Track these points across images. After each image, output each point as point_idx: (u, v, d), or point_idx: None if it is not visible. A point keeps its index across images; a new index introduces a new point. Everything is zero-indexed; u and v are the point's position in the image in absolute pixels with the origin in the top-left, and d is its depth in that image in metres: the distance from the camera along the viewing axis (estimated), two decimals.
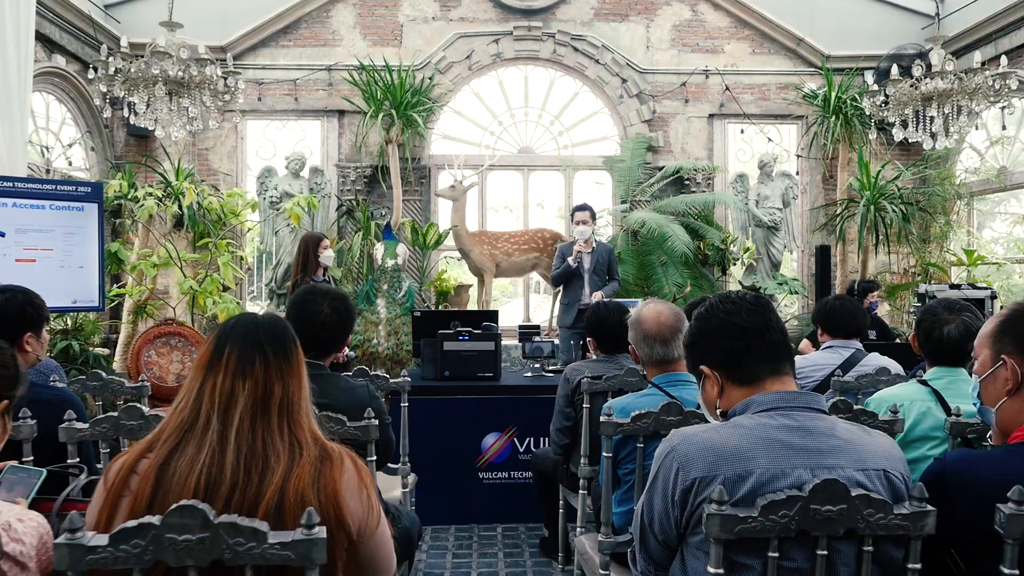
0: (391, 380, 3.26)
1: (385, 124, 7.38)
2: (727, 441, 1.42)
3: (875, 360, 3.44)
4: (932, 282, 7.55)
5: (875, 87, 5.56)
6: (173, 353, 5.92)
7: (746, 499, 1.37)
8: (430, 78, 7.73)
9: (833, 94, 7.52)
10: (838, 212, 7.56)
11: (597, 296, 5.74)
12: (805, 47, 8.04)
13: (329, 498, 1.37)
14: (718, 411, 1.60)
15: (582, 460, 3.28)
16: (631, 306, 3.56)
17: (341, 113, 7.89)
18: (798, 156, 8.18)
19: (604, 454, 2.33)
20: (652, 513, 1.49)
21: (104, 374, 3.06)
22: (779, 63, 8.13)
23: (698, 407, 2.35)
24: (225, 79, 5.28)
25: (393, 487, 3.37)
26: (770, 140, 8.04)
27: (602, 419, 2.30)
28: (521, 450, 4.42)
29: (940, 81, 4.90)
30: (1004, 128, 6.68)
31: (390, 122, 7.34)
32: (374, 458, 2.27)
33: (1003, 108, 5.13)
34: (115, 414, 2.20)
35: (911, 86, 5.11)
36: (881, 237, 7.10)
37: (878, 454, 1.45)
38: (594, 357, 4.66)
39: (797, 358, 3.61)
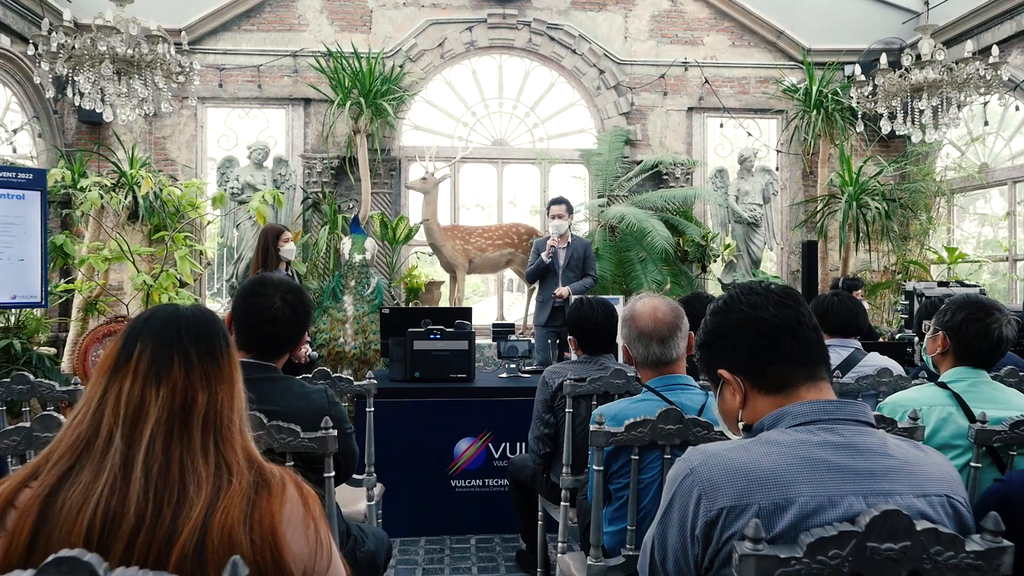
0: (355, 383, 2.96)
1: (353, 113, 7.06)
2: (760, 462, 1.16)
3: (875, 360, 3.22)
4: (911, 280, 7.44)
5: (862, 77, 5.37)
6: None
7: (786, 534, 1.11)
8: (401, 66, 7.42)
9: (814, 88, 7.36)
10: (819, 209, 7.40)
11: (564, 291, 5.50)
12: (786, 40, 7.88)
13: (265, 537, 1.09)
14: (740, 424, 1.34)
15: (564, 470, 3.01)
16: (613, 304, 3.31)
17: (307, 101, 7.55)
18: (778, 151, 8.02)
19: (594, 467, 2.07)
20: (665, 549, 1.23)
21: (31, 376, 2.72)
22: (759, 56, 7.96)
23: (699, 412, 2.10)
24: (179, 59, 4.92)
25: (358, 500, 3.07)
26: (750, 135, 7.87)
27: (592, 428, 2.04)
28: (496, 456, 4.15)
29: (930, 71, 4.73)
30: (986, 124, 6.57)
31: (358, 111, 7.02)
32: (332, 474, 1.98)
33: (998, 100, 4.97)
34: (27, 424, 1.88)
35: (900, 76, 4.93)
36: (862, 234, 6.95)
37: (938, 476, 1.21)
38: (574, 358, 4.42)
39: None
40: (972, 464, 2.08)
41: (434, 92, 7.85)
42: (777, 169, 7.85)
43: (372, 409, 3.03)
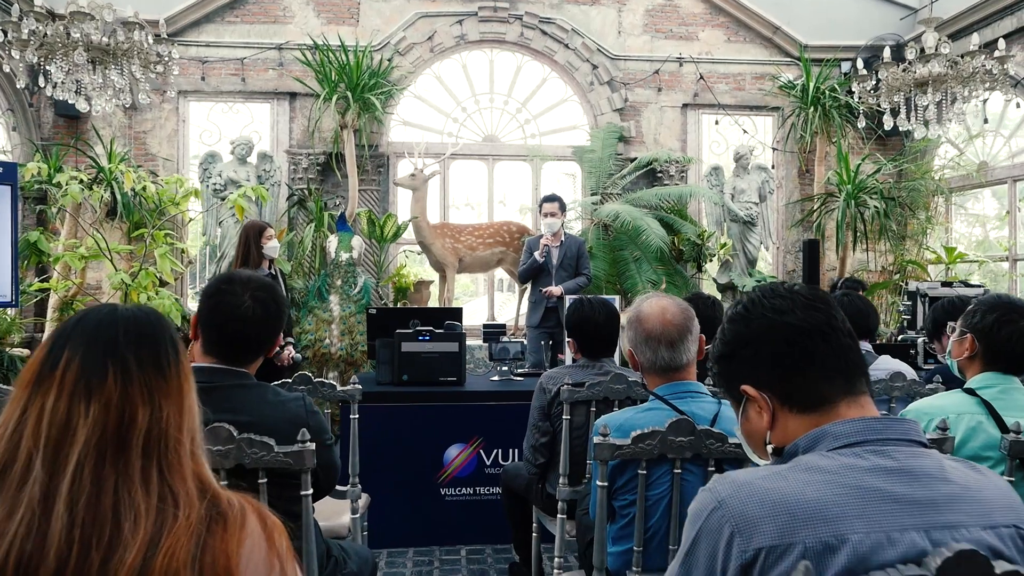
0: (339, 388, 2.78)
1: (340, 108, 6.86)
2: (803, 492, 0.98)
3: (887, 364, 3.07)
4: (909, 280, 7.31)
5: (864, 72, 5.23)
6: None
7: None
8: (389, 60, 7.22)
9: (811, 84, 7.22)
10: (815, 208, 7.27)
11: (556, 290, 5.34)
12: (782, 36, 7.74)
13: None
14: (769, 447, 1.17)
15: (560, 480, 2.84)
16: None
17: (292, 96, 7.34)
18: (774, 149, 7.88)
19: (597, 483, 1.89)
20: None
21: None
22: (755, 52, 7.81)
23: (712, 423, 1.93)
24: (157, 49, 4.72)
25: (341, 513, 2.88)
26: (745, 132, 7.72)
27: (596, 440, 1.86)
28: (488, 463, 3.97)
29: (936, 64, 4.59)
30: (986, 121, 6.45)
31: (345, 106, 6.82)
32: (309, 492, 1.79)
33: (1005, 96, 4.84)
34: None
35: (903, 71, 4.79)
36: (859, 233, 6.82)
37: (1003, 503, 1.04)
38: (569, 362, 4.25)
39: None
40: (1005, 478, 1.93)
41: (423, 87, 7.66)
42: (773, 167, 7.71)
43: (357, 416, 2.84)
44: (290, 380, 2.75)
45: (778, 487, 0.99)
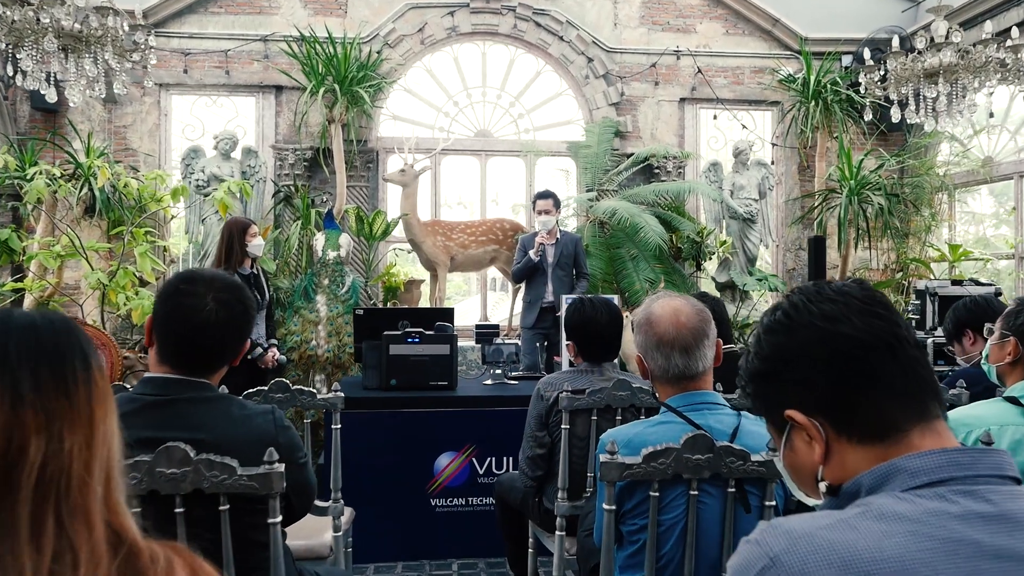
0: (319, 396, 2.56)
1: (327, 101, 6.63)
2: (879, 548, 0.78)
3: None
4: (911, 279, 7.14)
5: (871, 62, 5.04)
6: None
7: None
8: (378, 52, 6.99)
9: (812, 78, 7.03)
10: (816, 204, 7.08)
11: (550, 239, 5.23)
12: (781, 29, 7.55)
13: None
14: (822, 484, 0.97)
15: (559, 495, 2.64)
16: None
17: (278, 89, 7.11)
18: (773, 144, 7.69)
19: (604, 506, 1.69)
20: None
21: None
22: (754, 45, 7.62)
23: (732, 438, 1.72)
24: (134, 36, 4.49)
25: (321, 531, 2.67)
26: (744, 127, 7.53)
27: (603, 459, 1.66)
28: (481, 472, 3.77)
29: (947, 53, 4.40)
30: (992, 116, 6.27)
31: (333, 99, 6.59)
32: (277, 519, 1.58)
33: (1019, 88, 4.66)
34: None
35: (912, 60, 4.60)
36: (861, 231, 6.64)
37: None
38: (567, 366, 4.04)
39: None
40: None
41: (414, 80, 7.44)
42: (772, 163, 7.52)
43: (339, 426, 2.63)
44: (265, 388, 2.53)
45: (846, 540, 0.79)
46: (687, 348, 1.74)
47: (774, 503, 1.72)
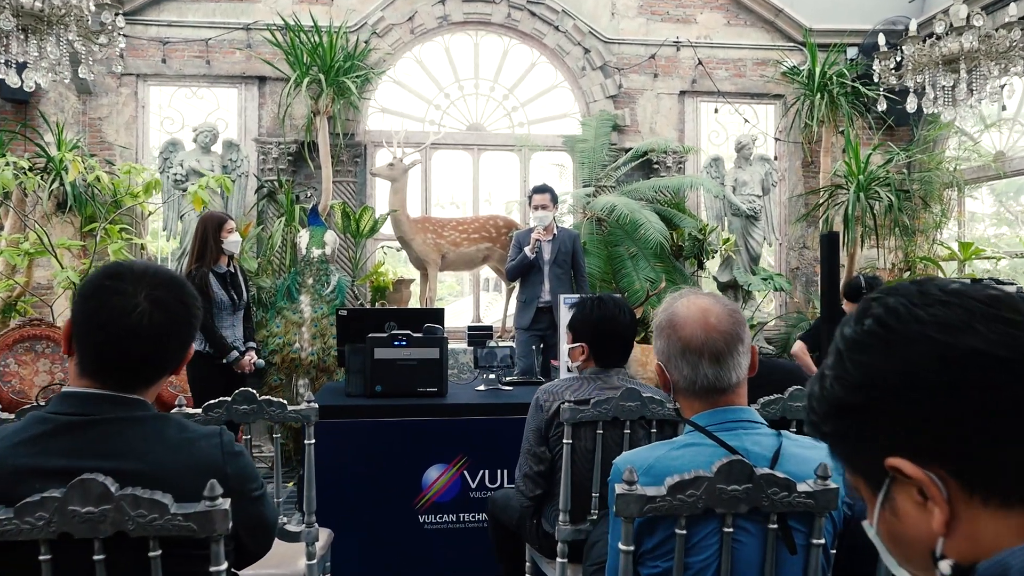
0: (290, 408, 2.27)
1: (313, 93, 6.32)
2: None
3: None
4: (917, 278, 6.89)
5: (885, 48, 4.77)
6: (39, 361, 4.79)
7: None
8: (366, 42, 6.70)
9: (818, 70, 6.77)
10: (822, 201, 6.82)
11: (547, 236, 5.00)
12: (784, 19, 7.30)
13: None
14: (945, 564, 0.68)
15: (560, 517, 2.36)
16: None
17: (262, 80, 6.80)
18: (776, 139, 7.44)
19: (620, 546, 1.40)
20: None
21: None
22: (756, 36, 7.36)
23: (772, 463, 1.44)
24: (101, 16, 4.18)
25: (294, 558, 2.38)
26: (747, 121, 7.27)
27: (618, 489, 1.37)
28: (473, 486, 3.47)
29: (968, 37, 4.14)
30: (1004, 108, 6.02)
31: (318, 90, 6.29)
32: (222, 567, 1.29)
33: None
34: None
35: (930, 46, 4.34)
36: (868, 228, 6.38)
37: None
38: (565, 372, 3.76)
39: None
40: None
41: (403, 71, 7.15)
42: (776, 159, 7.26)
43: (312, 441, 2.33)
44: (228, 399, 2.24)
45: None
46: (718, 355, 1.45)
47: (823, 541, 1.44)
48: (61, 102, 6.56)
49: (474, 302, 7.37)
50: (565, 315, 3.89)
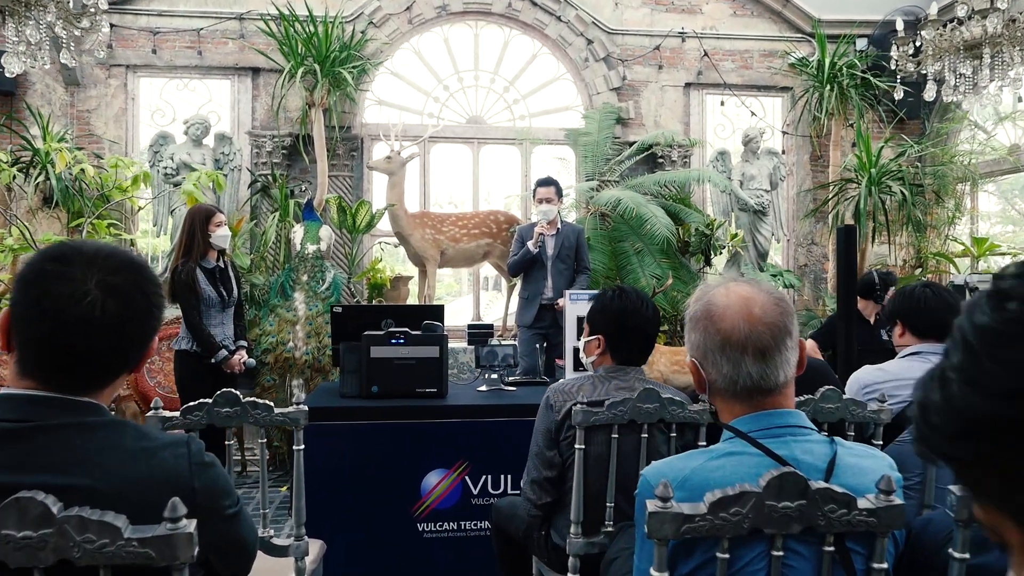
0: (276, 412, 2.07)
1: (308, 84, 6.14)
2: None
3: None
4: (928, 275, 6.71)
5: (903, 34, 4.58)
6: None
7: None
8: (362, 32, 6.50)
9: (827, 61, 6.58)
10: (831, 196, 6.63)
11: (550, 229, 4.76)
12: (792, 9, 7.11)
13: None
14: None
15: (571, 528, 2.17)
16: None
17: (255, 71, 6.60)
18: (784, 132, 7.25)
19: (653, 572, 1.21)
20: None
21: None
22: (763, 27, 7.18)
23: (827, 475, 1.25)
24: (82, 0, 3.99)
25: (283, 573, 2.19)
26: (753, 114, 7.08)
27: (650, 507, 1.18)
28: (475, 492, 3.28)
29: (993, 20, 3.95)
30: (1021, 100, 5.84)
31: (314, 81, 6.10)
32: None
33: None
34: None
35: (951, 30, 4.15)
36: (879, 224, 6.19)
37: None
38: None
39: (867, 371, 2.57)
40: None
41: (401, 63, 6.95)
42: (783, 152, 7.07)
43: (302, 447, 2.14)
44: (209, 400, 2.04)
45: None
46: (764, 351, 1.26)
47: (885, 566, 1.25)
48: (48, 94, 6.36)
49: (474, 300, 7.17)
50: (570, 312, 3.70)
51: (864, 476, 1.26)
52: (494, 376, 3.71)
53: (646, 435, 2.15)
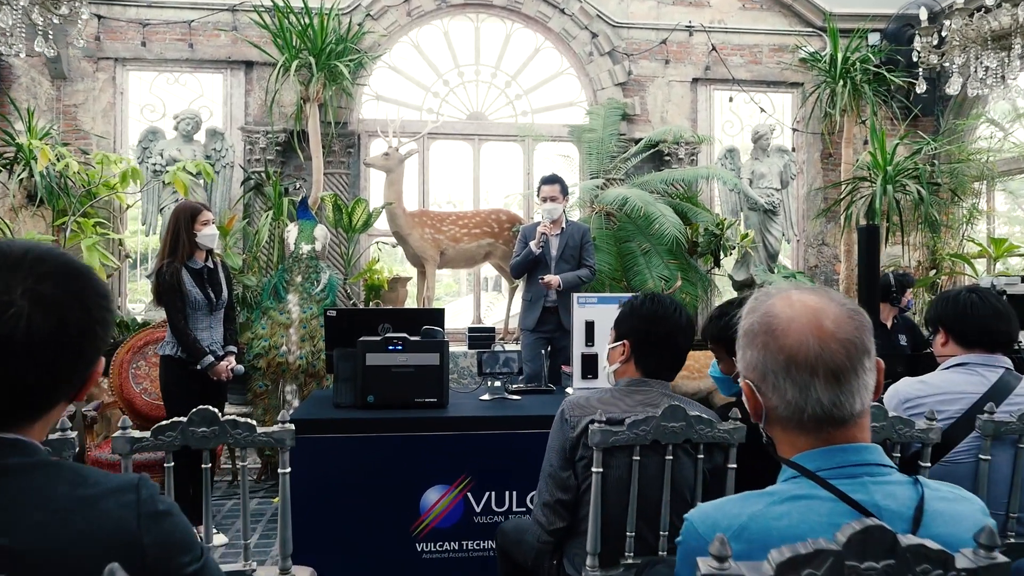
0: (260, 431, 1.85)
1: (303, 78, 5.92)
2: None
3: None
4: (943, 277, 6.52)
5: (926, 24, 4.37)
6: None
7: None
8: (359, 24, 6.28)
9: (839, 56, 6.37)
10: (844, 195, 6.42)
11: (554, 280, 4.51)
12: (803, 3, 6.90)
13: None
14: None
15: (588, 561, 1.96)
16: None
17: (248, 65, 6.38)
18: (794, 130, 7.04)
19: None
20: None
21: None
22: (772, 21, 6.97)
23: (914, 527, 1.03)
24: None
25: None
26: (763, 111, 6.87)
27: (705, 569, 0.96)
28: (478, 510, 3.06)
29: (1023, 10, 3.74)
30: None
31: (309, 75, 5.88)
32: None
33: None
34: None
35: (978, 19, 3.94)
36: (893, 224, 5.98)
37: None
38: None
39: (908, 384, 2.35)
40: None
41: (399, 57, 6.73)
42: (793, 150, 6.86)
43: (288, 470, 1.92)
44: (183, 419, 1.82)
45: None
46: (838, 373, 1.04)
47: None
48: (34, 88, 6.13)
49: (474, 302, 6.95)
50: (579, 316, 3.48)
51: (957, 525, 1.05)
52: (497, 384, 3.49)
53: (671, 457, 1.94)
